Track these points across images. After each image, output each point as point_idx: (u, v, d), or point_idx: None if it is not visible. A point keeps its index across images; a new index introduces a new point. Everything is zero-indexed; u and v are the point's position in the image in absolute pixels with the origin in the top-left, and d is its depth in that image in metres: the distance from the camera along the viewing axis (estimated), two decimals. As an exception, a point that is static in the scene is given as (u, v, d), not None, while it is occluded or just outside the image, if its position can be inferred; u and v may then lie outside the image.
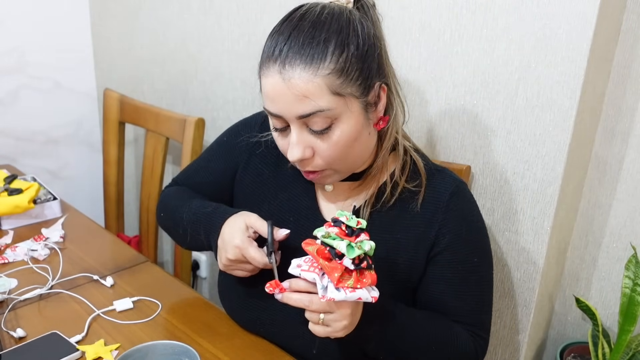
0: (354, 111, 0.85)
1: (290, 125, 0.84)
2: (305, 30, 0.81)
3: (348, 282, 0.77)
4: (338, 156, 0.86)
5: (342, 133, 0.84)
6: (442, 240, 0.93)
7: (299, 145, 0.85)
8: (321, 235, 0.79)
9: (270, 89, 0.83)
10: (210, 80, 1.69)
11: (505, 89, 1.11)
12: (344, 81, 0.82)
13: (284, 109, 0.83)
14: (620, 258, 1.23)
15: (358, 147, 0.88)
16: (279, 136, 0.89)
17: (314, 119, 0.82)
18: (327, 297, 0.76)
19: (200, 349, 0.97)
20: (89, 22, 2.04)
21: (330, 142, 0.85)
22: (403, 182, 0.94)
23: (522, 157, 1.12)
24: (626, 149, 1.17)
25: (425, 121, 1.24)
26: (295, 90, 0.80)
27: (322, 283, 0.78)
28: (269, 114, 0.87)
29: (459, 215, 0.94)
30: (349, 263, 0.76)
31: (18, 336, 0.99)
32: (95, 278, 1.17)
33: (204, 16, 1.64)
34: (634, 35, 1.10)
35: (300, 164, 0.88)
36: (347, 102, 0.83)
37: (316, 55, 0.80)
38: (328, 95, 0.81)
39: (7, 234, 1.33)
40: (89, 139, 2.15)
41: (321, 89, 0.80)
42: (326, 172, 0.89)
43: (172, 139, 1.61)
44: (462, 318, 0.95)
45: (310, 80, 0.80)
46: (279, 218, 1.00)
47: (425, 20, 1.17)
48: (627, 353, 1.16)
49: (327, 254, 0.78)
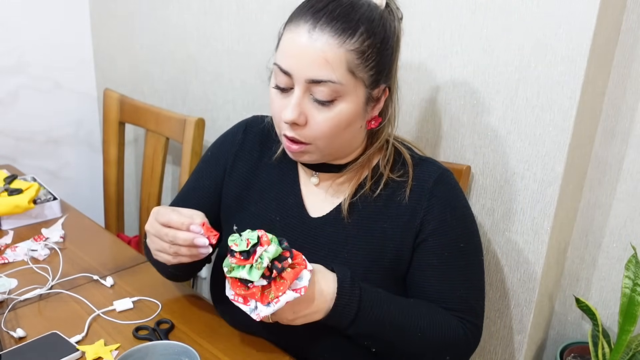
0: (358, 96, 0.87)
1: (295, 86, 0.85)
2: (343, 5, 0.84)
3: (270, 296, 0.80)
4: (329, 133, 0.87)
5: (341, 111, 0.86)
6: (427, 227, 0.94)
7: (297, 107, 0.85)
8: (226, 271, 0.82)
9: (292, 45, 0.85)
10: (210, 80, 1.69)
11: (505, 89, 1.11)
12: (361, 64, 0.85)
13: (298, 68, 0.84)
14: (620, 258, 1.23)
15: (346, 135, 0.90)
16: (278, 95, 0.89)
17: (321, 88, 0.84)
18: (261, 316, 0.80)
19: (200, 349, 0.97)
20: (89, 22, 2.04)
21: (327, 116, 0.86)
22: (387, 172, 0.96)
23: (522, 157, 1.12)
24: (626, 149, 1.17)
25: (425, 121, 1.24)
26: (318, 52, 0.82)
27: (249, 306, 0.82)
28: (277, 70, 0.87)
29: (443, 202, 0.95)
30: (261, 282, 0.80)
31: (18, 336, 0.99)
32: (95, 278, 1.17)
33: (204, 16, 1.64)
34: (634, 35, 1.10)
35: (289, 127, 0.88)
36: (356, 85, 0.86)
37: (346, 30, 0.83)
38: (344, 70, 0.83)
39: (7, 234, 1.33)
40: (89, 139, 2.15)
41: (340, 61, 0.83)
42: (309, 147, 0.90)
43: (172, 139, 1.61)
44: (451, 304, 0.94)
45: (335, 49, 0.82)
46: (266, 218, 1.00)
47: (425, 20, 1.17)
48: (627, 353, 1.16)
49: (240, 284, 0.81)
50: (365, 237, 0.95)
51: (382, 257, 0.95)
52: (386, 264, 0.95)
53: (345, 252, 0.95)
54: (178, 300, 1.12)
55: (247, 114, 1.61)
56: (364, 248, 0.95)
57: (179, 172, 1.83)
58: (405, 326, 0.90)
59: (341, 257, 0.95)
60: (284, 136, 0.90)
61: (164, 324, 1.03)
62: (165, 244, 0.89)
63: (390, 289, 0.93)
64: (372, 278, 0.93)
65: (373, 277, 0.93)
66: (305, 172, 1.01)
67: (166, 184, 1.91)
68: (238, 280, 0.81)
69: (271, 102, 0.91)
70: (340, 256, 0.95)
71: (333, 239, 0.96)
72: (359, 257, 0.95)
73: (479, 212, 1.21)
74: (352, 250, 0.95)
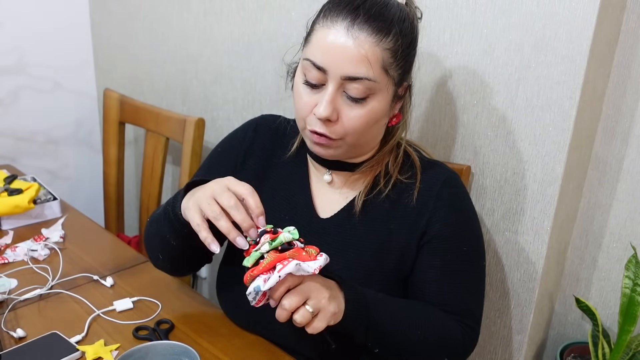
0: (388, 94, 0.89)
1: (329, 83, 0.86)
2: (378, 4, 0.86)
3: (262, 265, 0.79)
4: (359, 129, 0.88)
5: (372, 108, 0.87)
6: (432, 228, 0.94)
7: (331, 104, 0.86)
8: None
9: (329, 41, 0.85)
10: (210, 80, 1.69)
11: (505, 89, 1.11)
12: (393, 62, 0.87)
13: (335, 64, 0.84)
14: (620, 258, 1.23)
15: (373, 131, 0.92)
16: (306, 90, 0.89)
17: (356, 85, 0.85)
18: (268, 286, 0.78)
19: (200, 349, 0.97)
20: (89, 22, 2.04)
21: (359, 113, 0.87)
22: (396, 174, 0.97)
23: (522, 157, 1.12)
24: (626, 149, 1.17)
25: (425, 121, 1.24)
26: (358, 49, 0.83)
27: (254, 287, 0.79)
28: (309, 66, 0.87)
29: (449, 204, 0.95)
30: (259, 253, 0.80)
31: (18, 336, 0.99)
32: (95, 278, 1.17)
33: (204, 16, 1.64)
34: (634, 35, 1.10)
35: (321, 124, 0.88)
36: (388, 83, 0.88)
37: (383, 29, 0.85)
38: (380, 68, 0.85)
39: (7, 234, 1.33)
40: (89, 139, 2.15)
41: (377, 60, 0.85)
42: (337, 143, 0.90)
43: (172, 139, 1.61)
44: (451, 307, 0.94)
45: (373, 47, 0.84)
46: (275, 217, 1.00)
47: (426, 20, 1.17)
48: (627, 353, 1.16)
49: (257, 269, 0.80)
50: (372, 237, 0.95)
51: (388, 258, 0.95)
52: (391, 265, 0.95)
53: (352, 251, 0.95)
54: (178, 300, 1.12)
55: (247, 114, 1.62)
56: (370, 248, 0.95)
57: (179, 172, 1.83)
58: (405, 326, 0.90)
59: (348, 257, 0.95)
60: (312, 132, 0.90)
61: (164, 324, 1.03)
62: (214, 204, 0.82)
63: (392, 289, 0.93)
64: (377, 278, 0.93)
65: (377, 278, 0.94)
66: (318, 171, 1.01)
67: (166, 184, 1.91)
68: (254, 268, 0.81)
69: (298, 97, 0.91)
70: (347, 256, 0.95)
71: (340, 239, 0.96)
72: (365, 257, 0.95)
73: (479, 212, 1.21)
74: (359, 250, 0.95)
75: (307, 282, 0.80)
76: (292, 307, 0.79)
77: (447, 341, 0.93)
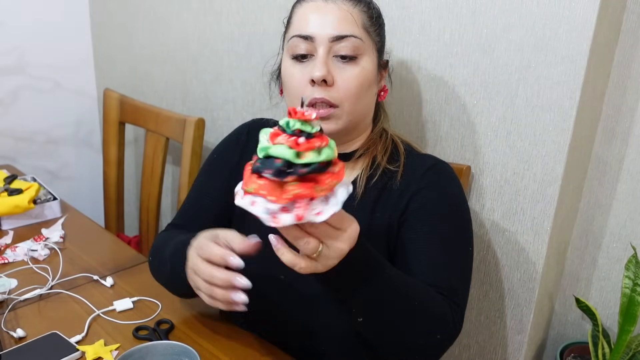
0: (372, 59, 0.94)
1: (319, 48, 0.91)
2: None
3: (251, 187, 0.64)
4: (355, 91, 0.92)
5: (363, 69, 0.92)
6: (412, 205, 0.94)
7: (325, 65, 0.90)
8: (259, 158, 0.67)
9: (311, 11, 0.92)
10: (210, 80, 1.69)
11: (505, 89, 1.11)
12: (371, 26, 0.94)
13: (322, 28, 0.90)
14: (620, 258, 1.23)
15: (366, 99, 0.95)
16: (296, 66, 0.93)
17: (344, 43, 0.90)
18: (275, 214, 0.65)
19: (200, 349, 0.97)
20: (89, 22, 2.04)
21: (352, 73, 0.91)
22: (385, 163, 0.98)
23: (522, 157, 1.12)
24: (626, 149, 1.17)
25: (425, 121, 1.24)
26: (338, 11, 0.91)
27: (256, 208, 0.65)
28: (297, 41, 0.92)
29: (433, 185, 0.95)
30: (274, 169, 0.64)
31: (18, 336, 0.99)
32: (95, 278, 1.17)
33: (204, 16, 1.64)
34: (634, 36, 1.10)
35: (319, 89, 0.90)
36: (371, 45, 0.94)
37: None
38: (361, 28, 0.92)
39: (7, 234, 1.33)
40: (89, 139, 2.15)
41: (356, 19, 0.92)
42: (336, 111, 0.92)
43: (172, 139, 1.61)
44: (431, 281, 0.88)
45: (350, 9, 0.92)
46: None
47: (425, 20, 1.17)
48: (627, 353, 1.16)
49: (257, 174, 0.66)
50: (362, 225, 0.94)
51: (377, 246, 0.93)
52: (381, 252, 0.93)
53: None
54: (178, 300, 1.12)
55: (247, 114, 1.62)
56: None
57: (179, 172, 1.83)
58: (406, 292, 0.83)
59: None
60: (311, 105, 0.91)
61: (164, 324, 1.03)
62: (203, 282, 0.82)
63: None
64: None
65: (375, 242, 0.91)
66: None
67: (166, 184, 1.91)
68: None
69: (290, 77, 0.94)
70: None
71: None
72: None
73: (479, 212, 1.21)
74: None
75: None
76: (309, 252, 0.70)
77: (440, 316, 0.86)
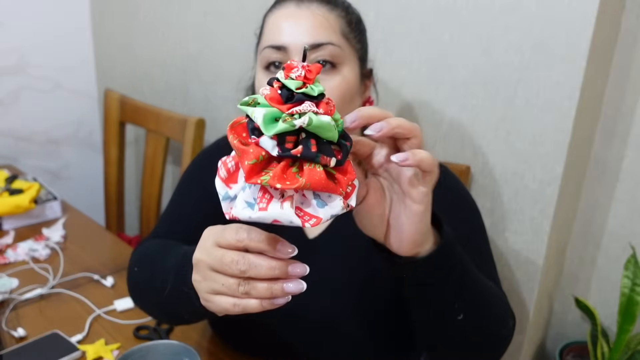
0: (354, 67, 0.86)
1: (293, 58, 0.82)
2: None
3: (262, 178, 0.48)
4: (337, 102, 0.80)
5: (344, 78, 0.84)
6: None
7: None
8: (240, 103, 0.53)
9: (282, 20, 0.84)
10: (210, 80, 1.70)
11: (505, 89, 1.11)
12: (350, 33, 0.86)
13: (294, 37, 0.82)
14: (620, 258, 1.23)
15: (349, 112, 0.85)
16: None
17: (321, 52, 0.82)
18: (231, 214, 0.51)
19: (200, 348, 0.97)
20: (89, 22, 2.05)
21: (333, 83, 0.83)
22: None
23: (522, 157, 1.12)
24: (625, 149, 1.17)
25: (425, 121, 1.24)
26: (312, 18, 0.83)
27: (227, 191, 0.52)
28: (270, 52, 0.84)
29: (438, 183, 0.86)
30: (270, 145, 0.49)
31: (19, 336, 0.99)
32: (96, 278, 1.17)
33: (204, 16, 1.64)
34: (633, 36, 1.10)
35: None
36: (352, 53, 0.86)
37: (330, 1, 0.86)
38: (339, 34, 0.84)
39: (8, 234, 1.34)
40: (90, 139, 2.16)
41: (333, 26, 0.84)
42: None
43: (172, 139, 1.61)
44: None
45: (327, 14, 0.84)
46: None
47: (425, 20, 1.17)
48: (626, 352, 1.16)
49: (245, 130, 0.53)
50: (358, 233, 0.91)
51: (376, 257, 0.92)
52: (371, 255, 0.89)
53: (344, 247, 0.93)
54: (178, 300, 1.12)
55: (247, 114, 1.62)
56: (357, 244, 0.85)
57: (179, 172, 1.83)
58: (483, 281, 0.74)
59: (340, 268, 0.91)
60: None
61: (164, 324, 1.04)
62: (231, 279, 0.57)
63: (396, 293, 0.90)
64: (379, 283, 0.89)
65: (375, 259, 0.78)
66: None
67: (166, 184, 1.91)
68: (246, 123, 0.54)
69: None
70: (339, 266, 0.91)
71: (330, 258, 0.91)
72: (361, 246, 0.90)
73: (478, 212, 1.21)
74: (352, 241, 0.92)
75: None
76: None
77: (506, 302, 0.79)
